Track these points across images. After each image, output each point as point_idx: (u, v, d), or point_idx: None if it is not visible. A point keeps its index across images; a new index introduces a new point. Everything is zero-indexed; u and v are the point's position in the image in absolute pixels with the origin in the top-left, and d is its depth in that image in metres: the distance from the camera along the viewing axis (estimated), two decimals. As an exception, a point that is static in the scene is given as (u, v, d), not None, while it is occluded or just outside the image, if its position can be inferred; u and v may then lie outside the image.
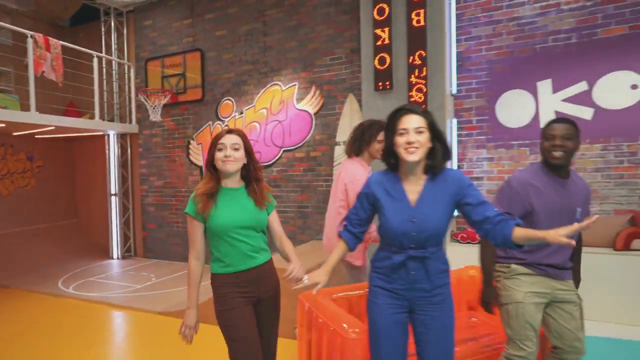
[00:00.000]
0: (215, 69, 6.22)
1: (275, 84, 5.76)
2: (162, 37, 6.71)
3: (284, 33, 5.66)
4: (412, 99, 4.34)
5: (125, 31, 7.07)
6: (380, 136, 2.76)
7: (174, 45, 6.60)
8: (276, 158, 5.77)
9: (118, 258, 7.00)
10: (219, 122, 6.22)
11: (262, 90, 5.85)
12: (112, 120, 7.02)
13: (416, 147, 1.67)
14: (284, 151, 5.73)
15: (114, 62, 7.03)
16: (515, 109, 4.42)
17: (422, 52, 4.28)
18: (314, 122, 5.51)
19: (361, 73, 4.68)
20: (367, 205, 1.84)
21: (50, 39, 5.45)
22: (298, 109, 5.60)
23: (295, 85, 5.61)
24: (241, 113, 6.02)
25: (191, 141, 6.48)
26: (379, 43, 4.46)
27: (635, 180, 4.01)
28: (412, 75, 4.33)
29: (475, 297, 3.08)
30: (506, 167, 4.49)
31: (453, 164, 4.57)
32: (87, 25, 7.44)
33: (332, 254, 1.91)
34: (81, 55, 6.28)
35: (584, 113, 4.16)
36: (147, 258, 6.99)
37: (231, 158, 1.92)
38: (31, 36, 5.18)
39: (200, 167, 6.41)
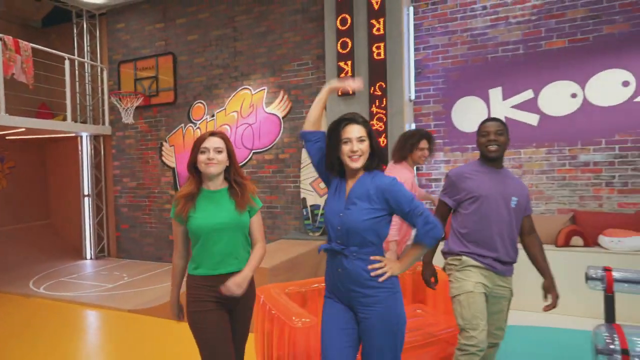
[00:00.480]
0: (187, 72, 6.36)
1: (245, 88, 5.93)
2: (135, 40, 6.81)
3: (254, 39, 5.84)
4: (373, 105, 4.58)
5: (98, 33, 7.13)
6: (422, 144, 3.18)
7: (147, 49, 6.70)
8: (246, 160, 5.95)
9: (91, 258, 7.06)
10: (191, 124, 6.36)
11: (233, 94, 6.01)
12: (85, 122, 7.08)
13: (359, 155, 1.78)
14: (254, 153, 5.91)
15: (86, 64, 7.08)
16: (469, 114, 4.71)
17: (383, 61, 4.53)
18: (282, 126, 5.70)
19: (325, 79, 4.90)
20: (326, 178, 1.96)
21: (21, 41, 5.50)
22: (267, 113, 5.79)
23: (264, 89, 5.80)
24: (212, 116, 6.17)
25: (164, 143, 6.60)
26: (341, 50, 4.69)
27: (575, 181, 4.33)
28: (373, 83, 4.57)
29: (421, 291, 3.35)
30: (461, 169, 4.76)
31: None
32: (60, 27, 7.46)
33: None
34: (53, 56, 6.33)
35: (531, 119, 4.47)
36: (121, 258, 7.07)
37: (214, 160, 1.94)
38: (0, 38, 5.23)
39: (173, 169, 6.54)
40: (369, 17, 4.57)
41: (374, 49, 4.54)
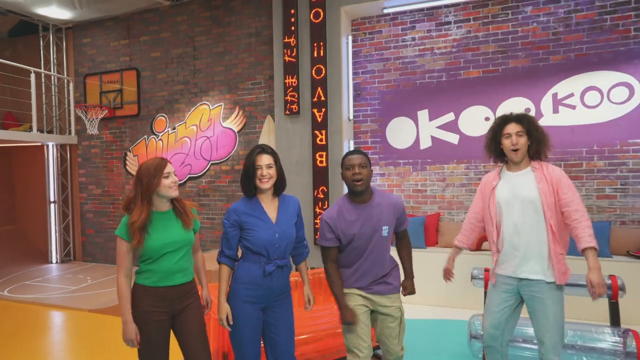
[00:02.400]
0: (150, 87, 6.76)
1: (204, 104, 6.38)
2: (100, 55, 7.16)
3: (212, 58, 6.30)
4: (315, 123, 5.11)
5: (64, 47, 7.45)
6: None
7: (112, 63, 7.07)
8: (205, 170, 6.39)
9: (57, 262, 7.36)
10: (153, 136, 6.76)
11: (193, 109, 6.45)
12: (51, 131, 7.38)
13: (267, 179, 2.21)
14: (212, 164, 6.36)
15: (53, 76, 7.39)
16: (401, 133, 5.28)
17: (324, 85, 5.06)
18: (237, 139, 6.18)
19: (275, 99, 5.40)
20: (236, 231, 2.24)
21: (-12, 57, 5.81)
22: (224, 127, 6.25)
23: (221, 105, 6.26)
24: (174, 128, 6.59)
25: (128, 153, 6.97)
26: (288, 75, 5.20)
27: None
28: (316, 104, 5.10)
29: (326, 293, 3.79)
30: (394, 182, 5.34)
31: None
32: (27, 38, 7.74)
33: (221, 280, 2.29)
34: (20, 68, 6.63)
35: (452, 138, 5.07)
36: (86, 262, 7.40)
37: (176, 184, 2.17)
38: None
39: (136, 177, 6.91)
40: (312, 44, 5.09)
41: (315, 66, 5.08)
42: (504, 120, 2.44)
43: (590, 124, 4.51)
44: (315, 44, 5.10)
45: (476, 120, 4.94)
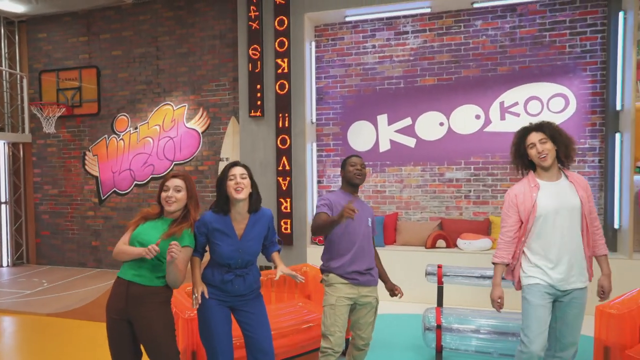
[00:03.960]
0: (111, 85, 6.66)
1: (167, 104, 6.37)
2: (57, 51, 6.96)
3: (175, 59, 6.31)
4: (279, 125, 5.25)
5: (17, 41, 7.18)
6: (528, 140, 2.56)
7: (70, 60, 6.90)
8: (168, 170, 6.38)
9: (8, 265, 7.10)
10: (114, 135, 6.67)
11: (156, 109, 6.43)
12: (2, 129, 7.10)
13: (242, 187, 2.31)
14: (175, 164, 6.36)
15: (4, 71, 7.11)
16: (361, 136, 5.53)
17: (287, 88, 5.21)
18: (201, 140, 6.22)
19: (239, 101, 5.49)
20: (203, 239, 2.38)
21: None
22: (188, 127, 6.27)
23: (185, 106, 6.28)
24: (136, 128, 6.54)
25: (87, 152, 6.84)
26: (252, 78, 5.31)
27: (443, 194, 5.28)
28: (279, 106, 5.25)
29: (307, 288, 4.02)
30: (355, 183, 5.57)
31: (313, 180, 5.54)
32: (-24, 32, 7.39)
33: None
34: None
35: (410, 142, 5.36)
36: (41, 265, 7.18)
37: (173, 199, 2.25)
38: None
39: (97, 177, 6.80)
40: (277, 49, 5.24)
41: (279, 70, 5.23)
42: (525, 132, 2.44)
43: (532, 131, 4.92)
44: (279, 49, 5.24)
45: (431, 125, 5.26)
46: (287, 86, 5.22)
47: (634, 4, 4.28)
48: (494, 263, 2.50)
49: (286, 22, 5.20)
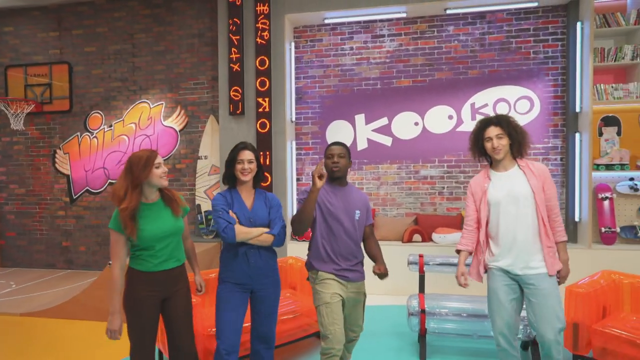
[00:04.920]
0: (84, 82, 6.53)
1: (143, 102, 6.31)
2: (25, 46, 6.75)
3: (152, 56, 6.26)
4: (258, 124, 5.33)
5: (-18, 35, 6.90)
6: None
7: (39, 55, 6.70)
8: (144, 169, 6.31)
9: (-29, 268, 6.78)
10: (87, 133, 6.52)
11: (131, 107, 6.35)
12: (-35, 126, 6.80)
13: (248, 172, 2.45)
14: (152, 163, 6.29)
15: (-32, 66, 6.82)
16: (339, 134, 5.69)
17: (267, 87, 5.31)
18: (179, 138, 6.20)
19: (219, 99, 5.53)
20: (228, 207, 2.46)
21: None
22: (165, 126, 6.24)
23: (162, 104, 6.25)
24: (110, 126, 6.43)
25: (58, 150, 6.65)
26: (233, 77, 5.37)
27: (418, 191, 5.52)
28: (259, 105, 5.33)
29: (293, 279, 4.13)
30: (334, 180, 5.72)
31: (293, 178, 5.66)
32: None
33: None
34: None
35: (386, 141, 5.58)
36: (6, 267, 6.89)
37: (166, 173, 2.31)
38: None
39: (68, 176, 6.62)
40: (257, 49, 5.32)
41: (259, 70, 5.32)
42: (485, 124, 2.54)
43: (500, 131, 5.25)
44: (260, 49, 5.33)
45: (407, 125, 5.49)
46: (267, 84, 5.31)
47: (590, 15, 4.67)
48: (457, 251, 2.70)
49: (267, 23, 5.30)
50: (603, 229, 4.84)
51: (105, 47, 6.43)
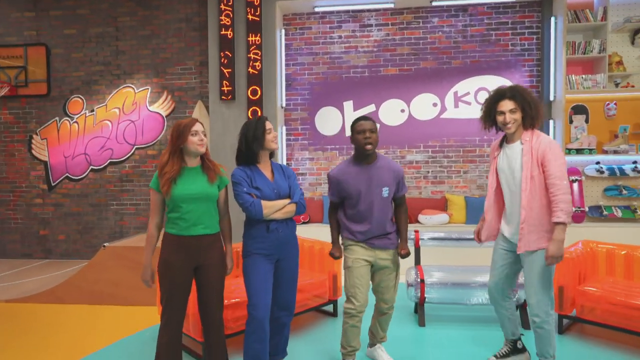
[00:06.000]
0: (64, 66, 6.33)
1: (128, 86, 6.21)
2: (-3, 26, 6.47)
3: (137, 40, 6.17)
4: (250, 109, 5.40)
5: (-52, 14, 6.54)
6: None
7: (13, 36, 6.43)
8: (129, 155, 6.23)
9: (-61, 259, 6.45)
10: (67, 118, 6.34)
11: (115, 91, 6.23)
12: None
13: (275, 141, 2.55)
14: (137, 148, 6.22)
15: None
16: (328, 121, 5.84)
17: (259, 73, 5.38)
18: (166, 123, 6.15)
19: (209, 84, 5.55)
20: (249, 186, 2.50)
21: None
22: (150, 111, 6.17)
23: (147, 89, 6.17)
24: (92, 111, 6.28)
25: (34, 136, 6.43)
26: (224, 62, 5.40)
27: (405, 175, 5.75)
28: (250, 91, 5.40)
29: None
30: (323, 165, 5.89)
31: (283, 163, 5.77)
32: None
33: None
34: None
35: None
36: (-23, 258, 6.60)
37: (204, 141, 2.36)
38: None
39: (45, 162, 6.41)
40: (247, 35, 5.38)
41: (251, 55, 5.38)
42: (498, 96, 2.52)
43: (481, 118, 5.57)
44: (251, 35, 5.38)
45: (393, 112, 5.72)
46: (259, 69, 5.38)
47: (563, 11, 5.04)
48: (485, 213, 2.74)
49: (259, 10, 5.36)
50: (573, 209, 5.26)
51: (87, 30, 6.27)
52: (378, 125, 3.67)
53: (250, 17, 5.36)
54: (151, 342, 3.36)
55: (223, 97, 5.43)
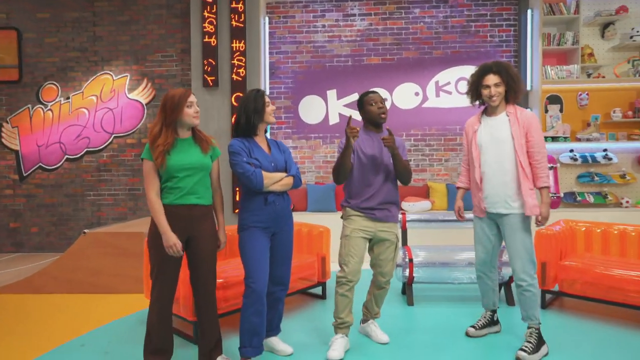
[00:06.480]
0: (37, 51, 6.10)
1: (106, 73, 6.04)
2: (-36, 9, 6.17)
3: (115, 26, 6.01)
4: (233, 96, 5.35)
5: None
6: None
7: (-19, 20, 6.16)
8: (106, 143, 6.06)
9: None
10: (40, 105, 6.11)
11: (92, 78, 6.05)
12: None
13: (273, 115, 2.61)
14: (115, 137, 6.06)
15: None
16: (312, 109, 5.86)
17: (243, 60, 5.34)
18: (145, 112, 6.02)
19: (191, 71, 5.46)
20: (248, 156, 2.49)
21: None
22: (130, 98, 6.02)
23: (126, 76, 6.02)
24: (67, 98, 6.08)
25: (5, 124, 6.16)
26: (207, 49, 5.33)
27: (386, 163, 5.84)
28: (234, 78, 5.35)
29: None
30: (306, 154, 5.90)
31: (267, 150, 5.73)
32: None
33: None
34: None
35: (357, 116, 5.81)
36: (-58, 252, 6.28)
37: (199, 113, 2.36)
38: None
39: (17, 152, 6.16)
40: (231, 19, 5.33)
41: (234, 45, 5.33)
42: (484, 71, 2.68)
43: (461, 107, 5.70)
44: (234, 22, 5.33)
45: (376, 101, 5.78)
46: (242, 57, 5.34)
47: (539, 4, 5.23)
48: (457, 187, 3.03)
49: (242, -5, 5.32)
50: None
51: (61, 14, 6.06)
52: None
53: (233, 4, 5.31)
54: (139, 325, 3.29)
55: (205, 84, 5.36)
